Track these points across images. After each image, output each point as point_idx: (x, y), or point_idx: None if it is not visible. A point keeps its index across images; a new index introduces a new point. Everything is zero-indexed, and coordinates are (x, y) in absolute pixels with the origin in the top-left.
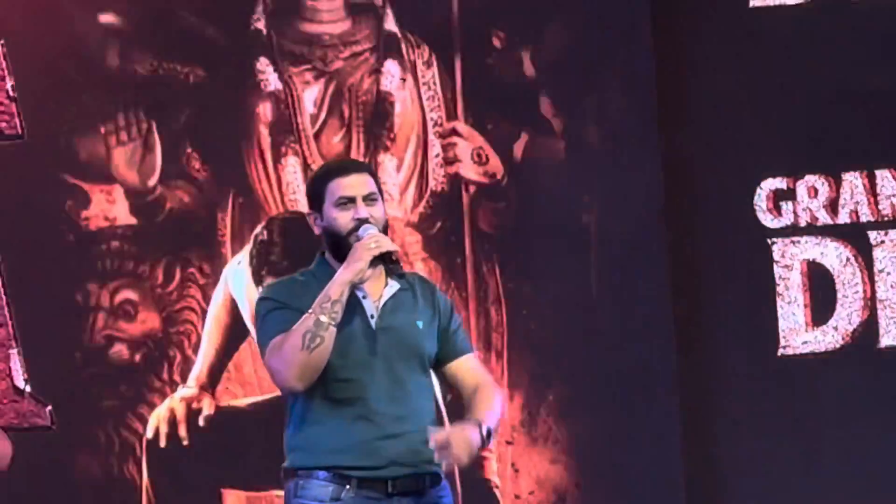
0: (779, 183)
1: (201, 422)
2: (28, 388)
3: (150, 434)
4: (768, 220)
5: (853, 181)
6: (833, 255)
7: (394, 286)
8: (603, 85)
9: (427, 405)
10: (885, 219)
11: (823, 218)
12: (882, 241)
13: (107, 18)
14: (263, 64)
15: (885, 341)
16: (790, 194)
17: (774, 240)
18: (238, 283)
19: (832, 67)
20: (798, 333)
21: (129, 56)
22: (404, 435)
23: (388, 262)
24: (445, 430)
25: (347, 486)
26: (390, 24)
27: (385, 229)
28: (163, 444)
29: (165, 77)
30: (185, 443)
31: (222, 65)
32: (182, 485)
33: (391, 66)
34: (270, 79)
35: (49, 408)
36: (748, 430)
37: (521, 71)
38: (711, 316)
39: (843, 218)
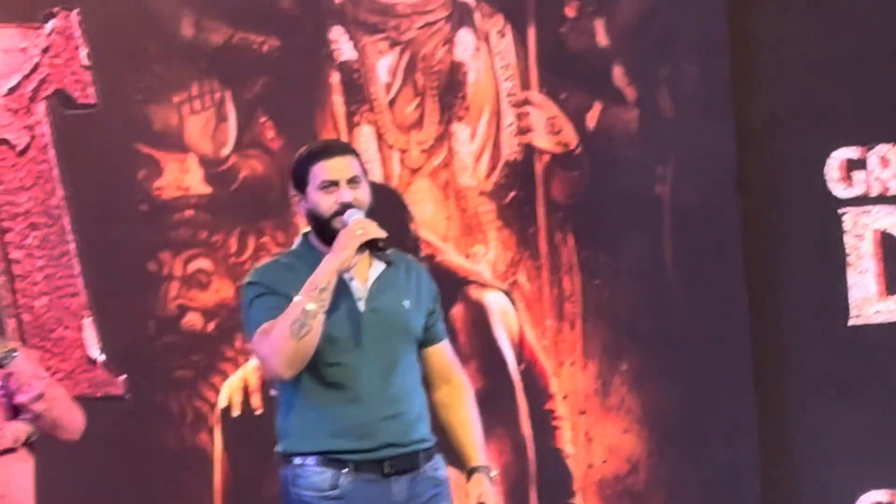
0: (850, 152)
1: (274, 391)
2: (101, 358)
3: (222, 403)
4: (840, 190)
5: None
6: None
7: (379, 267)
8: (676, 54)
9: (416, 383)
10: None
11: (895, 188)
12: None
13: None
14: (337, 33)
15: None
16: (861, 164)
17: (846, 209)
18: None
19: None
20: (870, 303)
21: (203, 25)
22: (398, 416)
23: (374, 248)
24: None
25: (344, 471)
26: None
27: (369, 211)
28: (235, 413)
29: (239, 46)
30: (258, 412)
31: (296, 34)
32: (255, 454)
33: (465, 36)
34: (344, 48)
35: (122, 377)
36: (820, 398)
37: (594, 40)
38: (783, 285)
39: None
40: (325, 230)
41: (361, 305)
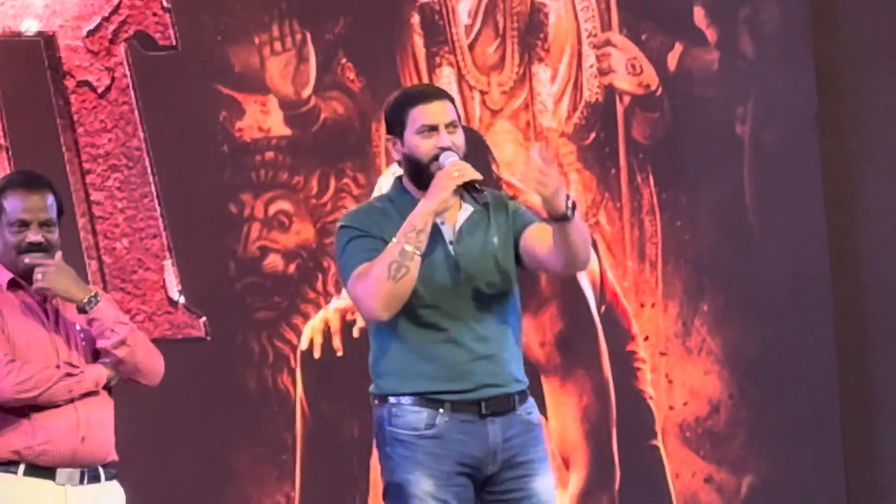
0: None
1: (355, 333)
2: (182, 300)
3: (304, 345)
4: None
5: None
6: None
7: (468, 209)
8: None
9: (509, 324)
10: None
11: None
12: None
13: None
14: None
15: None
16: None
17: None
18: None
19: None
20: None
21: None
22: (493, 356)
23: (471, 190)
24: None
25: (441, 411)
26: None
27: (464, 157)
28: (317, 355)
29: None
30: (340, 354)
31: None
32: (336, 395)
33: None
34: None
35: (203, 319)
36: None
37: None
38: (864, 225)
39: None
40: (422, 174)
41: (452, 248)
